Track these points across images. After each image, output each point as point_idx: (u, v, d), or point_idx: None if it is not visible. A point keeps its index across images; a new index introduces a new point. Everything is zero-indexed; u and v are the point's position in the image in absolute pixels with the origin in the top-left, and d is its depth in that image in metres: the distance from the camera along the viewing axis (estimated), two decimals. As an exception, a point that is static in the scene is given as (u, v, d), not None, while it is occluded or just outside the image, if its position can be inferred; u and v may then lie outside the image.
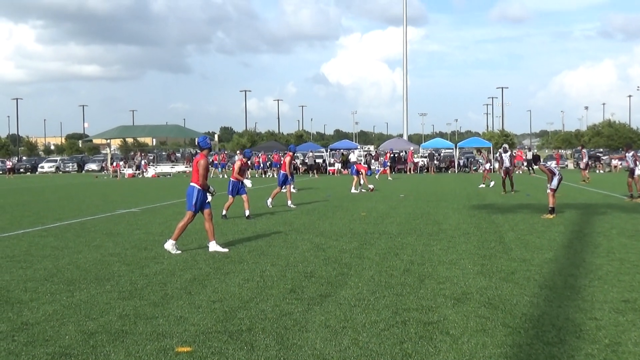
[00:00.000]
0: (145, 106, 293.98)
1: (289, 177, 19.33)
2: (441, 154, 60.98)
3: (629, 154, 21.10)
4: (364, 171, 27.03)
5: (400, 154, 57.81)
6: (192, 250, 10.66)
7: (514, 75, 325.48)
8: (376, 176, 37.17)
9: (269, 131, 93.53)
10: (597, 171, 49.83)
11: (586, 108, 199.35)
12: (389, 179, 39.16)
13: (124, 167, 57.43)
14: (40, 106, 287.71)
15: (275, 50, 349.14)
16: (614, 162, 48.65)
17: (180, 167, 59.80)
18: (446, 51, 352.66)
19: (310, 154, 56.38)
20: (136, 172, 55.27)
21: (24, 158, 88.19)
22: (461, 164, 56.94)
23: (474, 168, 54.47)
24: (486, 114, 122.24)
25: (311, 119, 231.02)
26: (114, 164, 59.60)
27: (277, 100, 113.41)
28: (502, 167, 25.21)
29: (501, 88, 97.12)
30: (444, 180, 37.73)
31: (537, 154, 34.43)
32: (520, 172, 46.12)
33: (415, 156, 57.09)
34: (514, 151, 50.98)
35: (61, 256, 10.18)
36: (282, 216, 16.31)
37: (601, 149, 75.59)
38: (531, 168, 45.35)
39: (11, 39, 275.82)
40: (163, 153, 76.55)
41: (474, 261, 9.24)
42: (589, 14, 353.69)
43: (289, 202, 18.96)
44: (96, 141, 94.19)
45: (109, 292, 7.49)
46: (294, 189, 22.50)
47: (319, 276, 8.27)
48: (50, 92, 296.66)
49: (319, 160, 55.64)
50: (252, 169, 47.83)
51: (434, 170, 53.78)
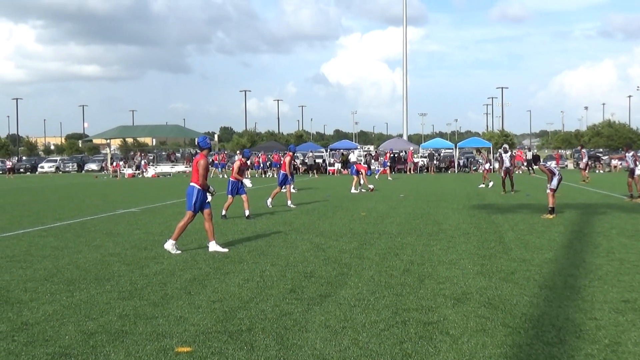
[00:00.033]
0: (145, 106, 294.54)
1: (288, 177, 19.34)
2: (441, 154, 61.01)
3: (629, 154, 21.12)
4: (363, 171, 27.03)
5: (400, 154, 57.84)
6: (192, 250, 10.66)
7: (514, 75, 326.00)
8: (376, 176, 37.20)
9: (269, 131, 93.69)
10: (596, 171, 49.83)
11: (586, 108, 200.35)
12: (388, 179, 39.16)
13: (124, 167, 57.41)
14: (40, 106, 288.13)
15: (275, 50, 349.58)
16: (613, 162, 48.69)
17: (180, 167, 59.82)
18: (446, 51, 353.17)
19: (310, 154, 56.44)
20: (136, 172, 55.26)
21: (23, 158, 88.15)
22: (461, 164, 56.96)
23: (473, 168, 54.48)
24: (486, 114, 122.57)
25: (311, 119, 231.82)
26: (114, 164, 59.61)
27: (277, 100, 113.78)
28: (502, 167, 25.23)
29: (501, 88, 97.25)
30: (444, 180, 37.73)
31: (537, 154, 34.45)
32: (520, 172, 46.12)
33: (415, 156, 57.12)
34: (513, 151, 51.00)
35: (61, 256, 10.18)
36: (282, 216, 16.31)
37: (601, 149, 75.67)
38: (531, 168, 45.37)
39: (11, 39, 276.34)
40: (163, 153, 76.61)
41: (474, 261, 9.24)
42: (589, 13, 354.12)
43: (289, 202, 18.97)
44: (96, 141, 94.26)
45: (109, 292, 7.49)
46: (294, 189, 22.50)
47: (318, 276, 8.27)
48: (50, 92, 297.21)
49: (319, 160, 55.66)
50: (251, 169, 47.85)
51: (434, 170, 53.79)
